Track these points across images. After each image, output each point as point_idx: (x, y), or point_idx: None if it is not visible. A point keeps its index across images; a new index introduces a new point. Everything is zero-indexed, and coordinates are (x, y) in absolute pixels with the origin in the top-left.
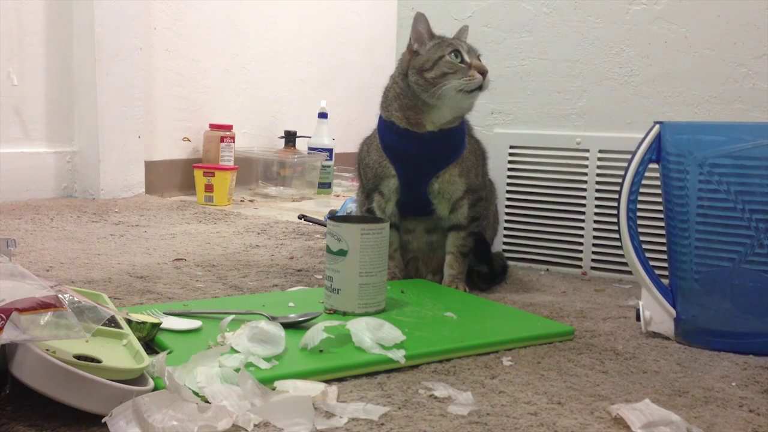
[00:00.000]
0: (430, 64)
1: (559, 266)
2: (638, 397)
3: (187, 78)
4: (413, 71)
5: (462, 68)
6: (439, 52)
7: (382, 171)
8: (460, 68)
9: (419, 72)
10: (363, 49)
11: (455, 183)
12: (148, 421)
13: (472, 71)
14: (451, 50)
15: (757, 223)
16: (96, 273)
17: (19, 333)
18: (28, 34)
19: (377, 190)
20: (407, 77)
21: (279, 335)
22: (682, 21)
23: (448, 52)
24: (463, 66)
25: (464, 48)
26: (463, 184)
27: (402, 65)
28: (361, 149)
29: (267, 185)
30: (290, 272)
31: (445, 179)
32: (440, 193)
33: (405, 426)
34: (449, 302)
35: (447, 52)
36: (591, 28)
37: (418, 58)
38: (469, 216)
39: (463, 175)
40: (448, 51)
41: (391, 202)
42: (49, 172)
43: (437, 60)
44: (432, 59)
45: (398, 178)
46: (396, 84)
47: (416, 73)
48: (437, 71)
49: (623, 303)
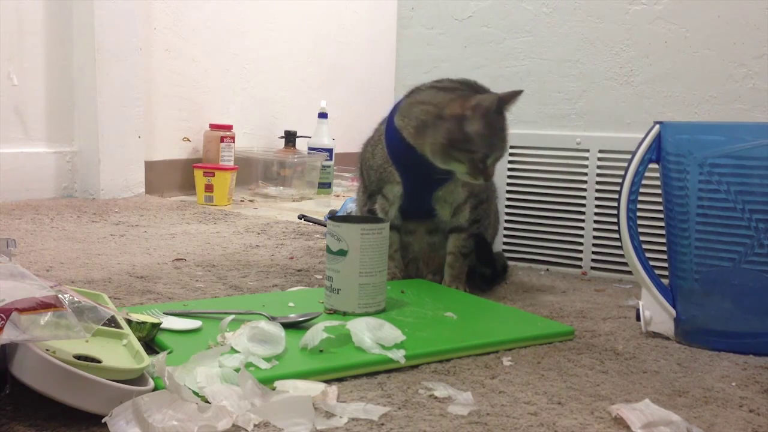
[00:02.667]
0: (459, 144)
1: (559, 266)
2: (638, 397)
3: (187, 78)
4: (445, 133)
5: (478, 169)
6: (475, 145)
7: (387, 176)
8: (475, 168)
9: (447, 140)
10: (363, 49)
11: (458, 191)
12: (148, 421)
13: (480, 176)
14: (483, 156)
15: (757, 223)
16: (96, 273)
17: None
18: (28, 34)
19: (380, 193)
20: (440, 120)
21: (279, 335)
22: (682, 21)
23: (481, 153)
24: (479, 167)
25: (495, 156)
26: (466, 191)
27: (442, 105)
28: (364, 150)
29: (267, 185)
30: (290, 272)
31: (449, 188)
32: (443, 199)
33: (405, 426)
34: (449, 302)
35: (481, 152)
36: (591, 28)
37: (456, 129)
38: (470, 219)
39: (465, 184)
40: (480, 152)
41: (394, 206)
42: (49, 172)
43: (466, 151)
44: (463, 146)
45: (402, 185)
46: (428, 112)
47: (446, 137)
48: (457, 155)
49: (623, 303)
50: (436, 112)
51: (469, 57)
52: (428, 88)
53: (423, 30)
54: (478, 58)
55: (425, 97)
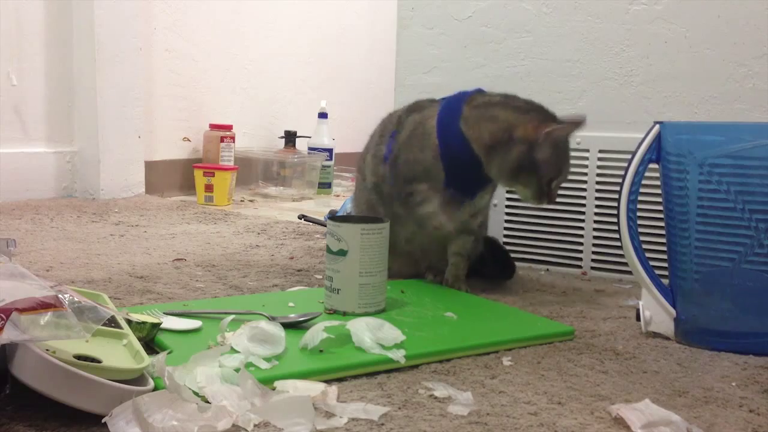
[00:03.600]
0: (529, 169)
1: (559, 266)
2: (638, 397)
3: (187, 78)
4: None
5: (542, 193)
6: (542, 170)
7: (434, 173)
8: (540, 191)
9: (519, 164)
10: (363, 50)
11: (485, 197)
12: (148, 421)
13: (544, 199)
14: (549, 180)
15: (757, 223)
16: (96, 273)
17: (19, 333)
18: (28, 34)
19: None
20: (511, 143)
21: (279, 335)
22: (682, 21)
23: (547, 177)
24: (545, 190)
25: (560, 180)
26: (488, 197)
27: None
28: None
29: (267, 185)
30: (290, 272)
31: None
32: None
33: (405, 426)
34: (449, 302)
35: (547, 176)
36: (591, 28)
37: (526, 153)
38: (479, 222)
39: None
40: (547, 176)
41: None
42: (49, 172)
43: (535, 177)
44: (532, 170)
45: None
46: (500, 130)
47: (517, 160)
48: (523, 179)
49: (623, 303)
50: (508, 133)
51: (469, 57)
52: (499, 103)
53: (423, 30)
54: (478, 58)
55: (497, 114)
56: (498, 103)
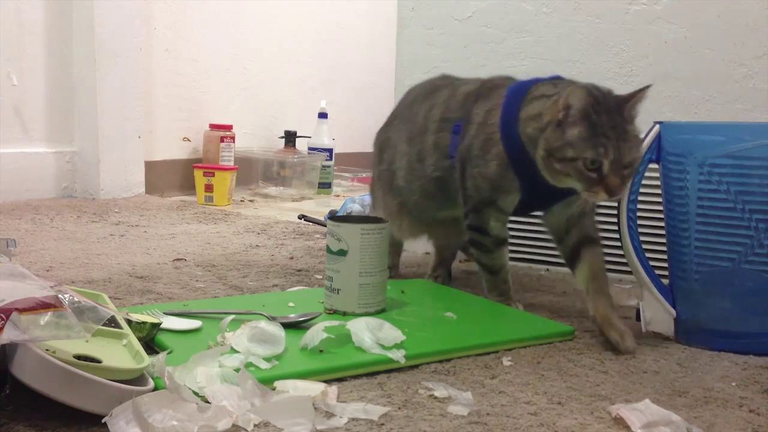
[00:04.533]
0: (560, 155)
1: (559, 266)
2: (638, 397)
3: (187, 78)
4: (544, 144)
5: (591, 180)
6: (575, 151)
7: (505, 184)
8: (588, 179)
9: (548, 152)
10: (363, 49)
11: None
12: (148, 421)
13: (599, 188)
14: (589, 162)
15: (757, 223)
16: (96, 273)
17: (19, 333)
18: (28, 34)
19: (494, 206)
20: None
21: (279, 335)
22: (682, 21)
23: (582, 159)
24: (593, 177)
25: (610, 155)
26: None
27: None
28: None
29: (267, 185)
30: (290, 272)
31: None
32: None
33: (405, 426)
34: (449, 302)
35: (582, 157)
36: (591, 28)
37: (553, 137)
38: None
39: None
40: (581, 157)
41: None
42: (49, 172)
43: (569, 159)
44: (564, 155)
45: (520, 193)
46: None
47: (545, 149)
48: (563, 167)
49: (623, 303)
50: (540, 124)
51: (469, 57)
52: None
53: (423, 30)
54: (478, 58)
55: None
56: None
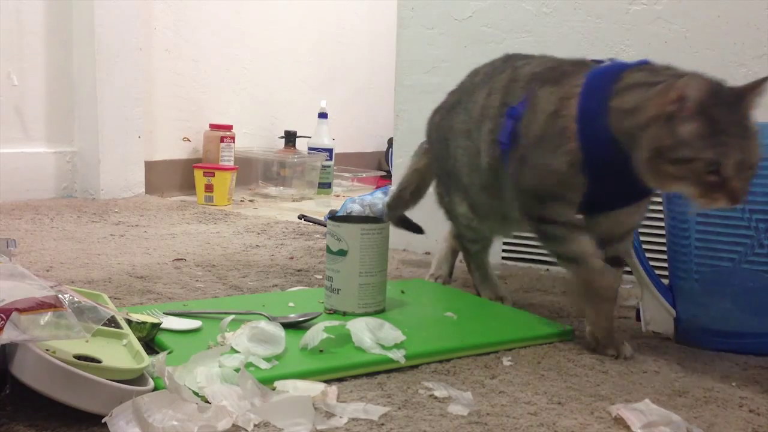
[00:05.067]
0: (672, 155)
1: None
2: (638, 397)
3: (187, 78)
4: (650, 142)
5: (709, 184)
6: (692, 151)
7: (570, 184)
8: (705, 183)
9: (656, 152)
10: (363, 49)
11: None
12: (148, 421)
13: (719, 194)
14: (711, 159)
15: (757, 223)
16: (96, 273)
17: (19, 333)
18: (28, 34)
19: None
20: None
21: (279, 335)
22: (682, 21)
23: (702, 161)
24: (713, 181)
25: (736, 157)
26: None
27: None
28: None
29: (267, 185)
30: (290, 272)
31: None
32: None
33: (405, 426)
34: (449, 302)
35: (702, 159)
36: (591, 28)
37: (662, 134)
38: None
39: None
40: (701, 158)
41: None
42: (49, 172)
43: (684, 161)
44: (678, 155)
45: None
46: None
47: (652, 147)
48: (677, 170)
49: (623, 303)
50: (640, 119)
51: (469, 57)
52: (635, 85)
53: (423, 30)
54: (478, 58)
55: (636, 101)
56: (632, 84)
